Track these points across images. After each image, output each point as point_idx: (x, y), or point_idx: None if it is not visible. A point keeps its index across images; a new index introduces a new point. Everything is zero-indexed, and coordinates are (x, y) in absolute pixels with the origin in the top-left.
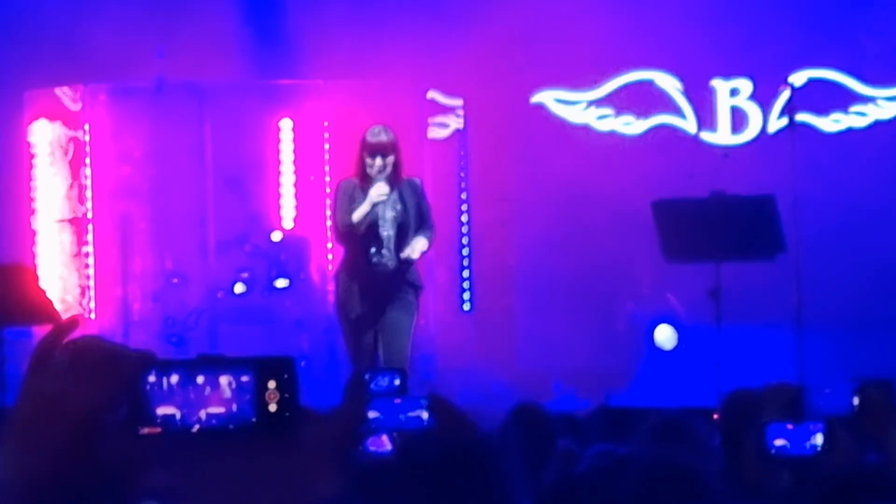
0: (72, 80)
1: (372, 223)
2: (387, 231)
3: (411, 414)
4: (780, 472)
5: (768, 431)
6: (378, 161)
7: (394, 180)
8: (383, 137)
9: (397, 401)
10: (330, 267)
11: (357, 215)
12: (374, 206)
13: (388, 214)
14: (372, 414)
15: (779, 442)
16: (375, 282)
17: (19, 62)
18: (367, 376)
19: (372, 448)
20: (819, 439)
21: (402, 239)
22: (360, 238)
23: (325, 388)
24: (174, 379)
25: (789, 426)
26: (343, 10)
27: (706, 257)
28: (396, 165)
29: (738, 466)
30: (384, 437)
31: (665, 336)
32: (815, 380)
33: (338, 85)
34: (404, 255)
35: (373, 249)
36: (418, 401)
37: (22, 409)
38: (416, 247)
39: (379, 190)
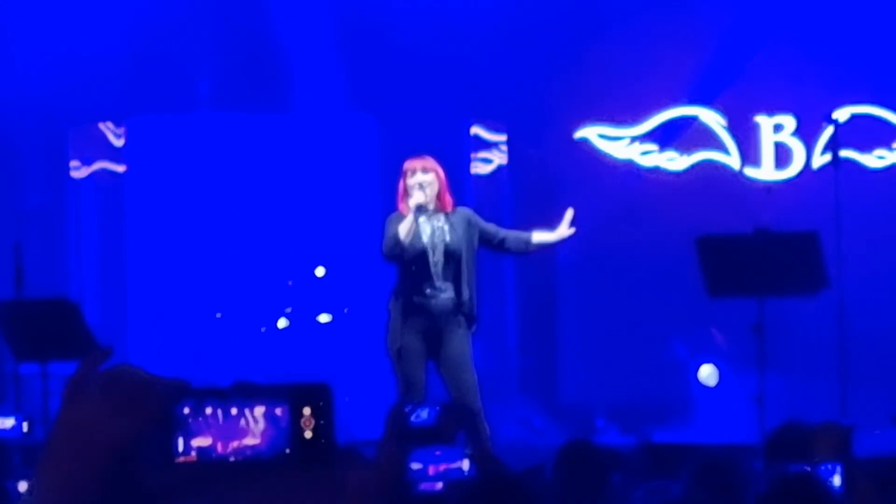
0: (115, 115)
1: (421, 253)
2: (437, 260)
3: (453, 465)
4: None
5: None
6: (419, 176)
7: (438, 207)
8: (423, 158)
9: (438, 452)
10: (374, 302)
11: (403, 227)
12: (416, 215)
13: (438, 245)
14: (415, 466)
15: None
16: (428, 314)
17: (63, 98)
18: (407, 409)
19: (424, 486)
20: (837, 481)
21: (454, 268)
22: (411, 268)
23: (369, 422)
24: (208, 410)
25: (806, 468)
26: (388, 46)
27: (750, 293)
28: (440, 192)
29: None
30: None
31: (708, 373)
32: (858, 417)
33: (382, 119)
34: (536, 241)
35: (425, 284)
36: (459, 451)
37: (57, 440)
38: (536, 237)
39: (417, 199)
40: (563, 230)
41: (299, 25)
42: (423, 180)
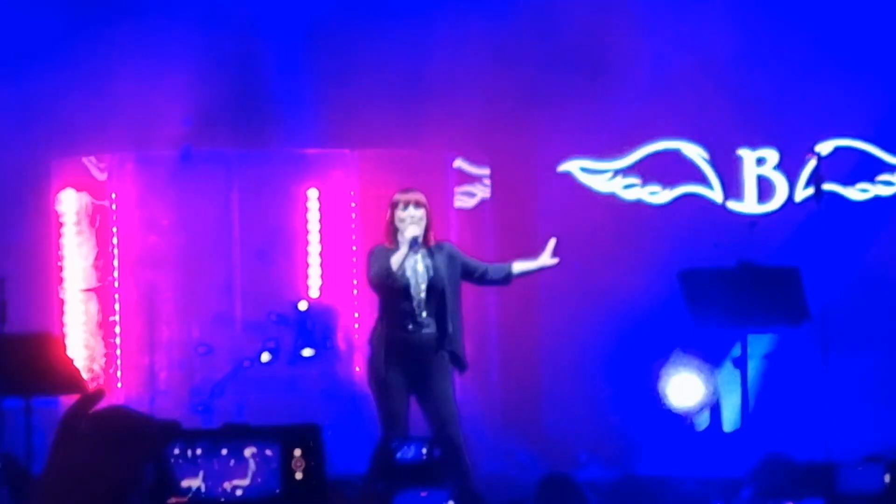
0: (99, 149)
1: (405, 288)
2: (420, 294)
3: None
4: None
5: None
6: (411, 210)
7: (425, 240)
8: (414, 192)
9: (423, 493)
10: (356, 336)
11: (396, 259)
12: (410, 247)
13: (422, 280)
14: None
15: None
16: (411, 349)
17: (46, 131)
18: (393, 445)
19: None
20: None
21: (437, 303)
22: (394, 302)
23: (352, 457)
24: (199, 451)
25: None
26: (370, 80)
27: (732, 325)
28: (428, 225)
29: None
30: None
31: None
32: (841, 449)
33: (364, 154)
34: (517, 270)
35: (408, 319)
36: (444, 494)
37: (49, 480)
38: (518, 266)
39: (412, 231)
40: (546, 259)
41: (281, 61)
42: (415, 214)
